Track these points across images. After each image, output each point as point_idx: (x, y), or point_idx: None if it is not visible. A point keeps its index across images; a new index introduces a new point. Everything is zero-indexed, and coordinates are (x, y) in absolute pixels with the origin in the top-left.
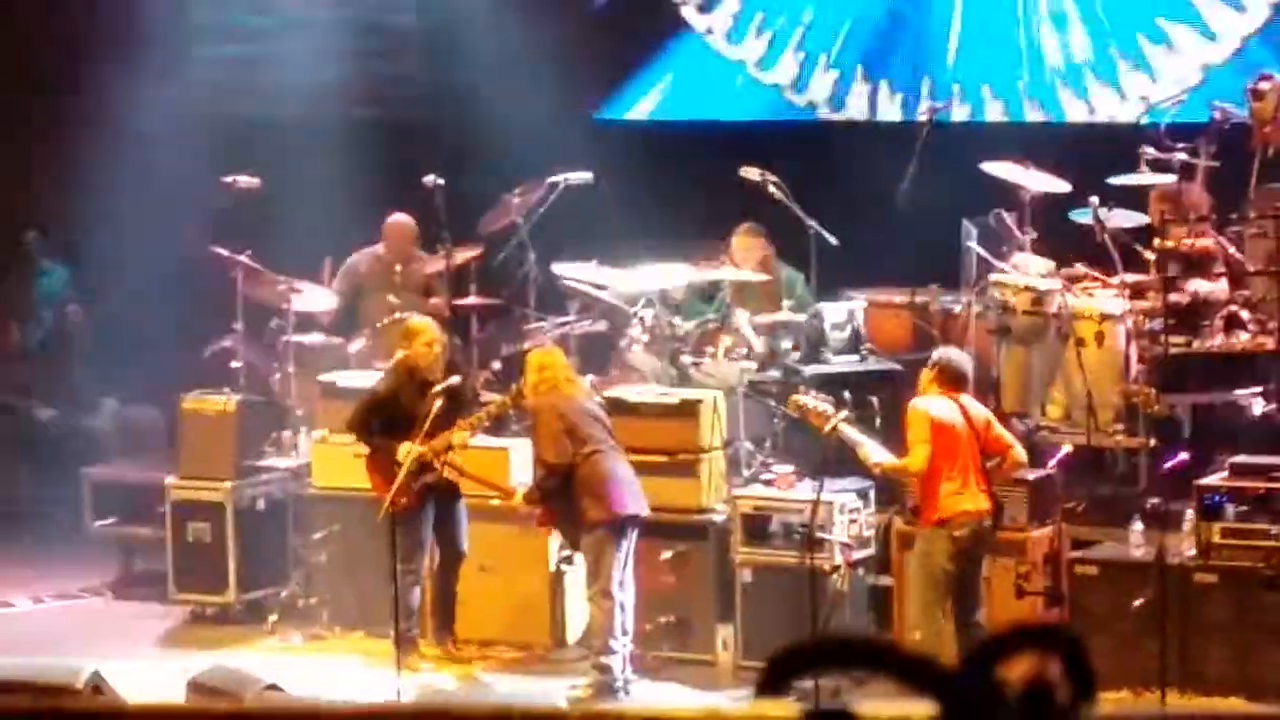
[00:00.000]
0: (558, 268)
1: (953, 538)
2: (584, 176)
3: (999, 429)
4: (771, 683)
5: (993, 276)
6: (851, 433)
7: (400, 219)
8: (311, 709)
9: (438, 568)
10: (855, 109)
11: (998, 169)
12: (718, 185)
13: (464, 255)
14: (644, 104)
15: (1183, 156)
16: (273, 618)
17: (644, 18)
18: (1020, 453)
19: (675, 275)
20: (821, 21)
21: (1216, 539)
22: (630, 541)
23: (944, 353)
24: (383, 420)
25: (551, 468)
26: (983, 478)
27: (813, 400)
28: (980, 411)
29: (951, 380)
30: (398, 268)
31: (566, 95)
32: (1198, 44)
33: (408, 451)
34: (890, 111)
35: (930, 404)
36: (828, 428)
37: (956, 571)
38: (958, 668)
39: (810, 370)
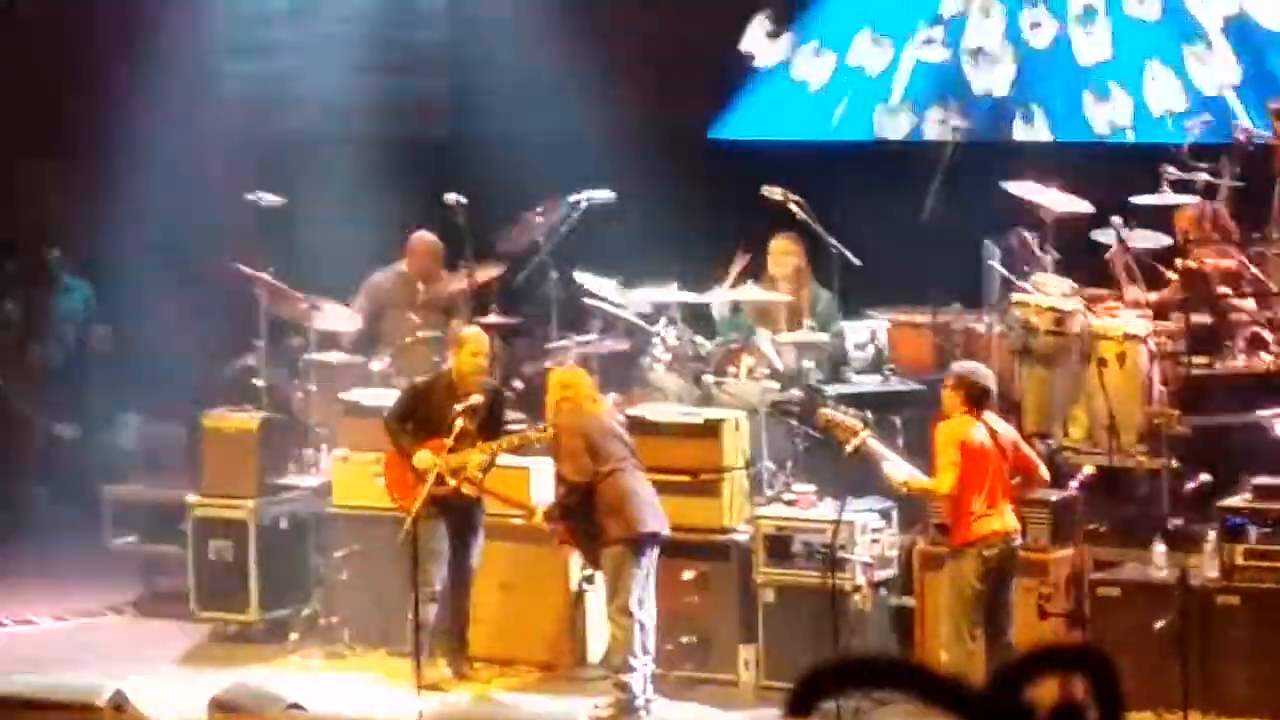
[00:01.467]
0: (580, 277)
1: (982, 557)
2: (606, 195)
3: (1025, 449)
4: (800, 703)
5: (1015, 296)
6: (878, 448)
7: (425, 237)
8: None
9: (451, 591)
10: (875, 127)
11: (1019, 189)
12: (741, 204)
13: (486, 274)
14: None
15: (1205, 177)
16: (294, 636)
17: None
18: (1044, 473)
19: (701, 295)
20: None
21: (1239, 560)
22: (651, 560)
23: (963, 369)
24: (414, 418)
25: (572, 486)
26: (1010, 497)
27: (840, 415)
28: (1006, 431)
29: (976, 398)
30: (420, 286)
31: (593, 112)
32: (1223, 64)
33: (424, 461)
34: (911, 131)
35: (959, 426)
36: (855, 442)
37: (986, 591)
38: (986, 689)
39: (832, 390)
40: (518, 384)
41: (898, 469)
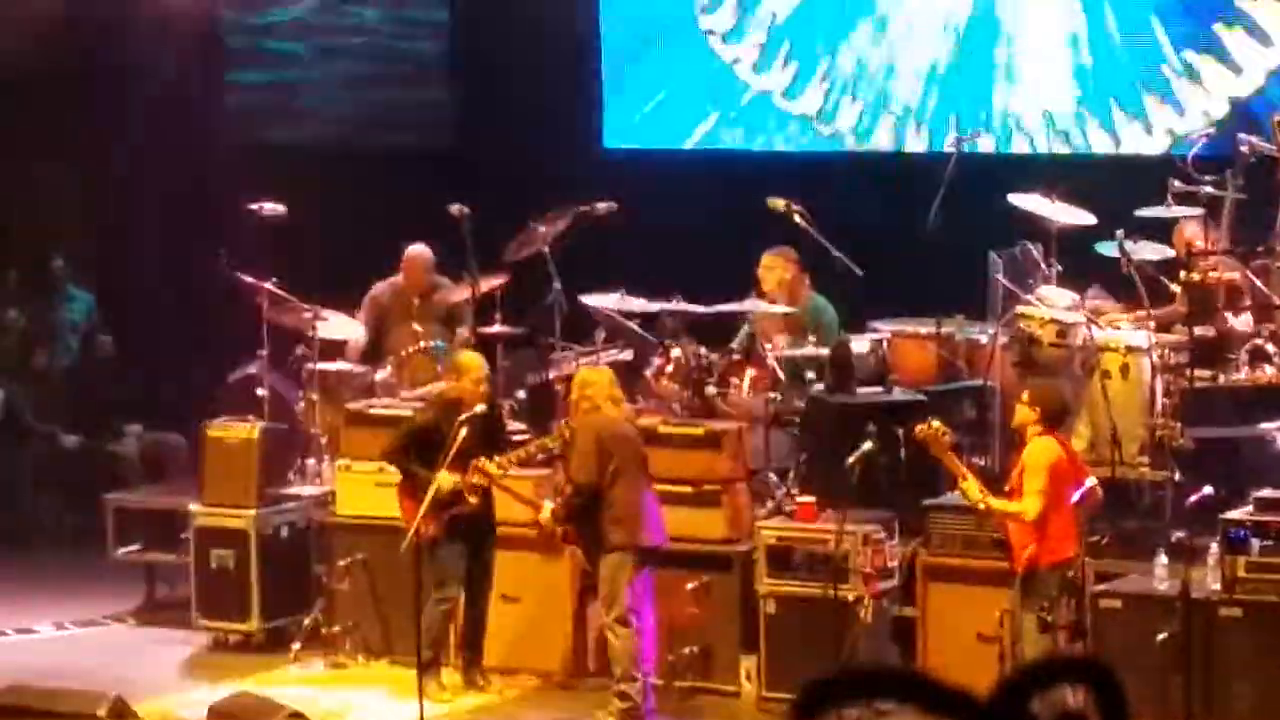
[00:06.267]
0: (587, 300)
1: (1065, 578)
2: (609, 206)
3: (1086, 469)
4: (802, 714)
5: (1018, 308)
6: (960, 464)
7: (417, 251)
8: None
9: (466, 602)
10: (882, 140)
11: (1024, 201)
12: (745, 215)
13: (490, 284)
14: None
15: (1209, 189)
16: (295, 645)
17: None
18: (1100, 493)
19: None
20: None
21: (1241, 573)
22: (647, 570)
23: (1042, 386)
24: (420, 450)
25: (581, 488)
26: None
27: (938, 425)
28: (1075, 452)
29: (1059, 420)
30: (415, 300)
31: (594, 125)
32: (1223, 77)
33: (447, 482)
34: (916, 143)
35: (1050, 450)
36: (946, 456)
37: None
38: (991, 699)
39: (835, 401)
40: (520, 394)
41: (981, 492)
